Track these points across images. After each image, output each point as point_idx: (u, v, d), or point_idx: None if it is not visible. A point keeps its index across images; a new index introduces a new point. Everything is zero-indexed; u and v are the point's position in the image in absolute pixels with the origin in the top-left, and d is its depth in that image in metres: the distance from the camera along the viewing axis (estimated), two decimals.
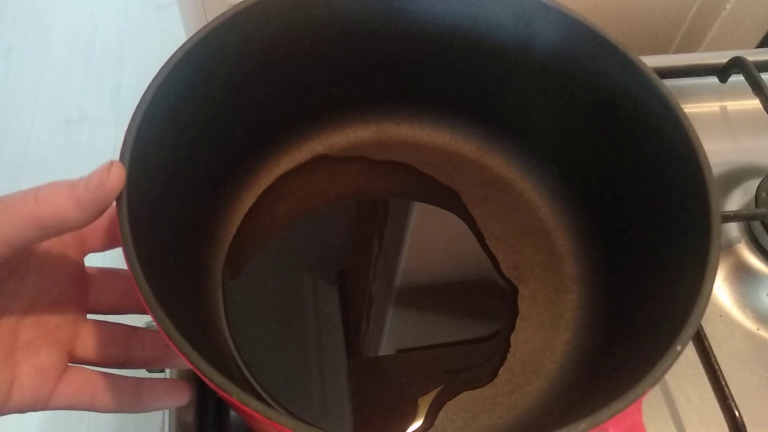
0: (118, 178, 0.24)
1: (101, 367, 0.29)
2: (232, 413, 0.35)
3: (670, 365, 0.25)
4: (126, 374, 0.29)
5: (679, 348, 0.25)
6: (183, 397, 0.29)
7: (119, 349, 0.29)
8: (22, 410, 0.26)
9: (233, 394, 0.22)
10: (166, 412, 0.34)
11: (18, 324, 0.26)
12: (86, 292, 0.29)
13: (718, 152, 0.30)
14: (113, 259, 0.28)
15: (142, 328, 0.30)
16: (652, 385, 0.24)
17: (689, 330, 0.25)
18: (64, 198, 0.23)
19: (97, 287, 0.29)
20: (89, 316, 0.29)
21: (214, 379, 0.22)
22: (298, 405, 0.33)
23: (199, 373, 0.23)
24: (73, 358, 0.28)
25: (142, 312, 0.30)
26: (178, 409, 0.34)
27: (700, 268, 0.27)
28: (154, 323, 0.23)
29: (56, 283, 0.27)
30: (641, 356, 0.28)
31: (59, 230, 0.24)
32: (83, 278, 0.29)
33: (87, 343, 0.28)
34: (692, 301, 0.26)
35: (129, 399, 0.28)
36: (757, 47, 0.61)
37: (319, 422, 0.33)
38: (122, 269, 0.29)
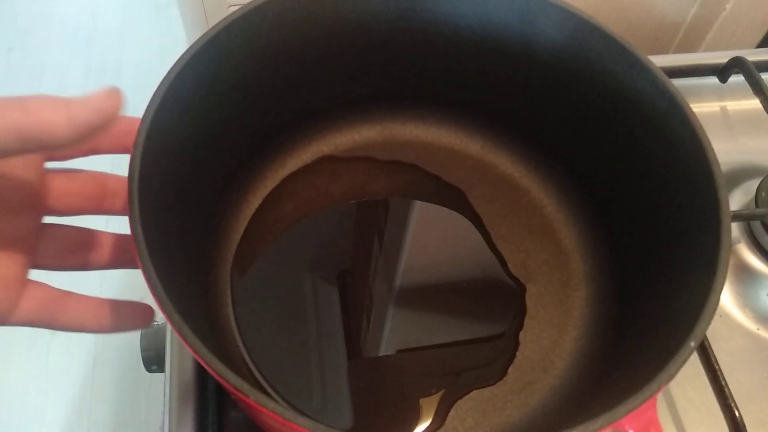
0: (117, 104, 0.23)
1: (63, 271, 0.28)
2: (233, 413, 0.35)
3: (685, 361, 0.25)
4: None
5: (692, 344, 0.25)
6: (146, 319, 0.29)
7: (80, 254, 0.28)
8: None
9: (250, 395, 0.22)
10: (167, 411, 0.34)
11: None
12: (46, 197, 0.27)
13: (718, 152, 0.30)
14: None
15: (102, 232, 0.29)
16: (667, 381, 0.24)
17: (702, 326, 0.25)
18: (58, 113, 0.21)
19: (56, 190, 0.28)
20: (48, 220, 0.28)
21: (231, 381, 0.22)
22: (301, 399, 0.34)
23: (215, 375, 0.23)
24: (34, 265, 0.27)
25: (101, 213, 0.29)
26: (179, 409, 0.34)
27: (710, 263, 0.27)
28: (168, 323, 0.23)
29: (17, 191, 0.26)
30: (652, 353, 0.28)
31: (41, 146, 0.22)
32: (43, 184, 0.27)
33: (48, 249, 0.28)
34: (704, 297, 0.26)
35: (92, 318, 0.28)
36: (757, 47, 0.61)
37: (320, 416, 0.33)
38: (79, 170, 0.28)
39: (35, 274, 0.27)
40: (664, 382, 0.24)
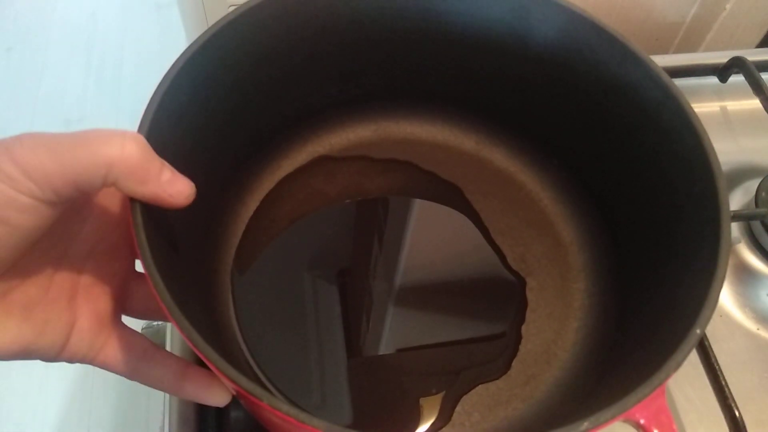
0: (186, 201, 0.25)
1: (152, 319, 0.29)
2: (233, 413, 0.35)
3: (691, 349, 0.25)
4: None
5: (698, 331, 0.25)
6: (224, 396, 0.28)
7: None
8: (74, 357, 0.26)
9: (263, 399, 0.22)
10: (167, 411, 0.34)
11: (80, 268, 0.26)
12: None
13: (718, 152, 0.30)
14: None
15: None
16: (675, 368, 0.24)
17: (707, 313, 0.26)
18: (145, 170, 0.23)
19: None
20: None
21: (243, 385, 0.22)
22: (303, 398, 0.34)
23: (226, 379, 0.23)
24: (126, 309, 0.28)
25: None
26: (179, 409, 0.34)
27: (711, 251, 0.27)
28: (176, 328, 0.23)
29: (116, 229, 0.27)
30: (655, 342, 0.28)
31: (115, 185, 0.24)
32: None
33: (136, 294, 0.29)
34: (706, 286, 0.26)
35: (172, 378, 0.28)
36: (757, 47, 0.61)
37: (321, 415, 0.33)
38: None
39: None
40: (672, 369, 0.24)
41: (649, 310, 0.32)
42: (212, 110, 0.33)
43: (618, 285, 0.37)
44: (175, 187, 0.25)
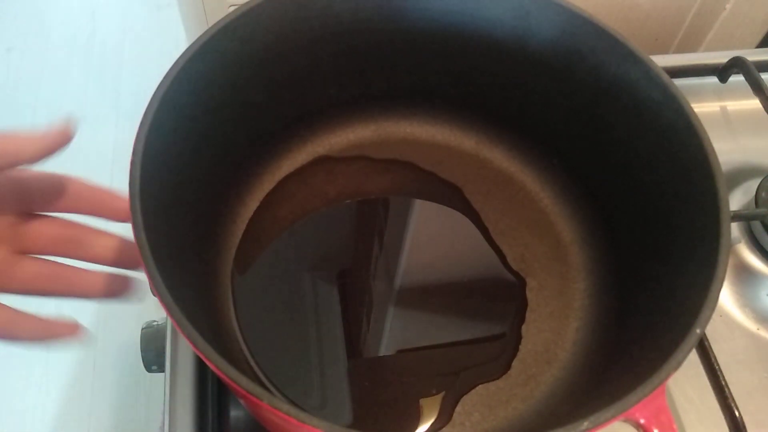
0: (69, 137, 0.27)
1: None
2: (233, 413, 0.35)
3: (691, 348, 0.25)
4: None
5: (698, 331, 0.25)
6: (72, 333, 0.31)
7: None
8: None
9: (264, 399, 0.22)
10: (167, 411, 0.34)
11: None
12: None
13: (718, 152, 0.30)
14: None
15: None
16: (675, 368, 0.25)
17: (707, 312, 0.26)
18: (26, 139, 0.26)
19: (33, 231, 0.30)
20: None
21: (244, 386, 0.22)
22: (304, 400, 0.34)
23: (227, 379, 0.23)
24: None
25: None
26: (179, 409, 0.34)
27: (711, 251, 0.28)
28: (177, 329, 0.24)
29: None
30: (656, 341, 0.28)
31: (16, 162, 0.26)
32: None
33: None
34: (706, 285, 0.27)
35: (41, 331, 0.30)
36: (757, 47, 0.61)
37: (321, 416, 0.33)
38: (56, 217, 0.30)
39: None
40: (672, 369, 0.24)
41: (649, 310, 0.32)
42: (212, 110, 0.33)
43: (618, 285, 0.37)
44: (51, 136, 0.27)
